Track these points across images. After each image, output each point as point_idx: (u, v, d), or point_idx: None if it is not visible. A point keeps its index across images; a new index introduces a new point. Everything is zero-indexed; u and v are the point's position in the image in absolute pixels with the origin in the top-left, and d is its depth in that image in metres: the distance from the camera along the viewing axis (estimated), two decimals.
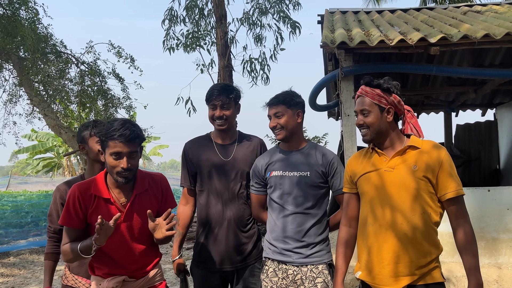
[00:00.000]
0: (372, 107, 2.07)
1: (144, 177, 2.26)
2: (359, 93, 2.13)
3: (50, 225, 2.61)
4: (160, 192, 2.27)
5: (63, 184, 2.66)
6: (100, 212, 2.08)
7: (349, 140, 5.18)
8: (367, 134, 2.10)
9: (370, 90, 2.08)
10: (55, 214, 2.59)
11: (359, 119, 2.11)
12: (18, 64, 8.31)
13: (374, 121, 2.06)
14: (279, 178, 2.52)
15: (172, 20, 7.97)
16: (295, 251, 2.45)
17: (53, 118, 8.39)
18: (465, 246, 2.00)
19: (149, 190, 2.23)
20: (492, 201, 5.22)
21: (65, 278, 2.57)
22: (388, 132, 2.09)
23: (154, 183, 2.27)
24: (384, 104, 2.06)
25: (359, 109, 2.11)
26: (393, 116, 2.08)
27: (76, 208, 2.09)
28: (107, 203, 2.13)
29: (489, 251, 5.21)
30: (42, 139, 24.01)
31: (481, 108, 9.46)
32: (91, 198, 2.11)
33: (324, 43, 4.90)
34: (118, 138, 2.02)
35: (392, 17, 6.53)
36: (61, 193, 2.59)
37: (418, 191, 1.99)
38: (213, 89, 2.71)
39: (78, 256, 2.06)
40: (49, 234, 2.63)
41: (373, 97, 2.07)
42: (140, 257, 2.19)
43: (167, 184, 2.34)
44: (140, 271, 2.20)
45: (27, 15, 8.08)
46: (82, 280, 2.52)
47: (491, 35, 4.70)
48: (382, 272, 2.04)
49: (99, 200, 2.12)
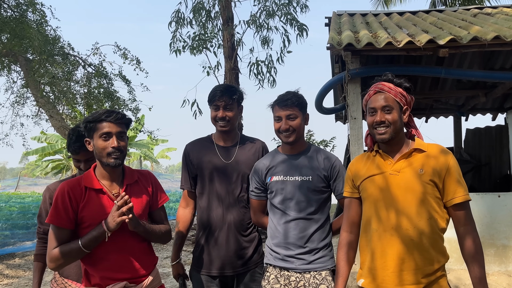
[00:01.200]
0: (395, 105, 2.00)
1: (132, 170, 2.26)
2: (379, 89, 2.02)
3: (40, 226, 2.57)
4: (150, 185, 2.26)
5: (54, 184, 2.62)
6: (92, 203, 2.04)
7: (355, 144, 5.09)
8: (387, 132, 1.98)
9: (394, 87, 2.01)
10: (45, 215, 2.54)
11: (380, 116, 1.98)
12: (25, 65, 8.37)
13: (397, 119, 1.98)
14: (281, 183, 2.44)
15: (179, 22, 7.98)
16: (298, 257, 2.38)
17: (58, 119, 8.42)
18: (472, 256, 1.92)
19: (139, 182, 2.22)
20: (503, 207, 5.09)
21: (55, 281, 2.52)
22: (401, 133, 2.03)
23: (143, 176, 2.27)
24: (403, 103, 2.01)
25: (381, 105, 1.99)
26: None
27: (65, 204, 2.01)
28: (98, 194, 2.08)
29: (499, 258, 5.07)
30: (51, 141, 24.21)
31: (492, 112, 9.31)
32: (82, 191, 2.06)
33: (331, 45, 4.83)
34: (106, 119, 2.06)
35: (400, 19, 6.44)
36: (51, 193, 2.55)
37: (425, 195, 1.92)
38: (216, 90, 2.65)
39: (77, 254, 1.99)
40: (38, 235, 2.59)
41: (396, 95, 2.00)
42: (138, 255, 2.12)
43: (156, 179, 2.33)
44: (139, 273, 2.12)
45: (34, 17, 8.13)
46: (72, 284, 2.47)
47: (502, 37, 4.60)
48: (386, 280, 1.96)
49: (91, 192, 2.07)
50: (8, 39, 7.86)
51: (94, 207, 2.04)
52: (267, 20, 7.82)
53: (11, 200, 11.62)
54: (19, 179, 20.78)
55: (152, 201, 2.26)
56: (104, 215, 2.02)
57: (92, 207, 2.04)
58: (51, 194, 2.54)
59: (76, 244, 1.98)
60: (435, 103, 8.28)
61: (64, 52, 8.57)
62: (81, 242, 1.97)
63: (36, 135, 23.95)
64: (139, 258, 2.13)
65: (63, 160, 27.76)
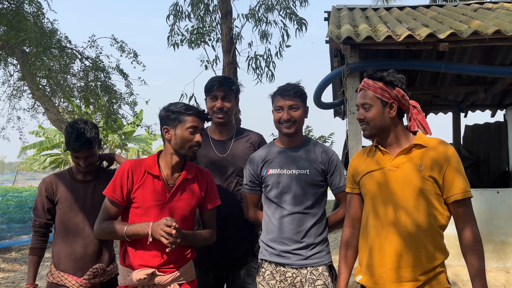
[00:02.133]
0: (374, 101, 1.96)
1: (192, 166, 2.32)
2: (361, 86, 2.03)
3: (36, 219, 2.53)
4: (205, 184, 2.32)
5: (49, 177, 2.58)
6: (146, 187, 2.15)
7: (354, 139, 5.05)
8: (366, 129, 2.00)
9: (373, 83, 1.97)
10: (41, 207, 2.51)
11: (360, 113, 2.01)
12: (21, 58, 8.29)
13: (375, 116, 1.96)
14: (277, 176, 2.39)
15: (177, 15, 7.90)
16: (295, 252, 2.33)
17: (54, 112, 8.36)
18: (471, 248, 1.87)
19: (195, 178, 2.28)
20: (501, 203, 5.07)
21: (51, 275, 2.48)
22: (390, 128, 1.98)
23: (201, 174, 2.33)
24: (387, 98, 1.95)
25: (360, 102, 2.01)
26: (397, 111, 1.97)
27: (123, 180, 2.14)
28: (154, 180, 2.18)
29: (497, 254, 5.06)
30: (49, 136, 24.13)
31: (491, 108, 9.28)
32: (141, 173, 2.17)
33: (330, 38, 4.78)
34: (195, 114, 2.17)
35: (400, 13, 6.40)
36: (47, 186, 2.51)
37: (424, 191, 1.88)
38: (214, 80, 2.62)
39: (118, 237, 2.13)
40: (34, 229, 2.55)
41: (375, 91, 1.96)
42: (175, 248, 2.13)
43: (213, 180, 2.38)
44: (172, 264, 2.18)
45: (31, 9, 8.04)
46: (68, 277, 2.43)
47: (502, 31, 4.56)
48: (383, 276, 1.92)
49: (148, 176, 2.17)
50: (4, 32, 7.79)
51: (147, 191, 2.14)
52: (266, 14, 7.75)
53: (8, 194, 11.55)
54: (16, 173, 20.71)
55: (204, 201, 2.32)
56: (153, 201, 2.14)
57: (146, 190, 2.14)
58: (47, 187, 2.50)
59: (121, 230, 2.10)
60: (434, 99, 8.24)
61: (61, 45, 8.49)
62: (126, 231, 2.08)
63: (34, 129, 23.86)
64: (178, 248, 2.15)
65: (61, 154, 27.70)
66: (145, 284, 2.13)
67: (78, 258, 2.44)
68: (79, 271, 2.43)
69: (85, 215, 2.48)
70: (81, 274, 2.43)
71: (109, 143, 23.29)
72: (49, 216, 2.52)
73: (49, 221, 2.53)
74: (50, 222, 2.54)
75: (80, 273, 2.43)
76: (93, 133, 2.46)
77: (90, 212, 2.47)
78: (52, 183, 2.51)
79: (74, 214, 2.48)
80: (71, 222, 2.47)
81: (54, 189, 2.50)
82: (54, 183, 2.51)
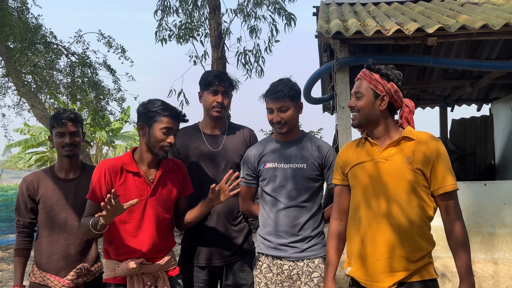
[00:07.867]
0: (367, 91, 1.99)
1: (167, 159, 2.38)
2: (359, 76, 2.06)
3: (19, 219, 2.46)
4: (181, 174, 2.40)
5: (30, 175, 2.52)
6: (128, 185, 2.21)
7: (344, 133, 5.07)
8: (356, 118, 2.03)
9: (369, 73, 2.01)
10: (23, 207, 2.45)
11: (351, 101, 2.04)
12: (5, 54, 8.13)
13: (365, 105, 1.99)
14: (273, 170, 2.40)
15: (165, 10, 7.84)
16: (291, 245, 2.36)
17: (40, 109, 8.22)
18: (459, 245, 1.92)
19: (172, 170, 2.35)
20: (489, 195, 5.14)
21: (33, 275, 2.43)
22: (379, 121, 2.00)
23: (177, 165, 2.41)
24: (380, 90, 1.97)
25: (354, 91, 2.05)
26: (388, 106, 1.99)
27: (101, 181, 2.19)
28: (135, 177, 2.24)
29: (485, 246, 5.13)
30: (34, 133, 23.76)
31: (477, 103, 9.40)
32: (119, 171, 2.22)
33: (319, 33, 4.78)
34: (171, 115, 2.21)
35: (388, 8, 6.43)
36: (28, 185, 2.45)
37: (413, 184, 1.91)
38: (213, 75, 2.59)
39: (89, 231, 2.11)
40: (18, 229, 2.48)
41: (370, 81, 1.99)
42: (160, 238, 2.27)
43: (186, 169, 2.47)
44: (157, 254, 2.27)
45: (15, 4, 7.89)
46: (50, 277, 2.39)
47: (490, 25, 4.60)
48: (375, 267, 1.94)
49: (128, 174, 2.23)
50: None
51: (129, 188, 2.20)
52: (254, 9, 7.73)
53: None
54: (1, 172, 20.38)
55: (181, 190, 2.40)
56: (137, 196, 2.17)
57: (128, 188, 2.20)
58: (28, 185, 2.45)
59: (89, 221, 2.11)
60: (421, 93, 8.32)
61: (46, 41, 8.34)
62: (91, 222, 2.08)
63: (19, 127, 23.45)
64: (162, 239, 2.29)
65: (47, 152, 27.32)
66: (134, 274, 2.18)
67: (60, 258, 2.40)
68: (62, 271, 2.39)
69: (68, 214, 2.44)
70: (64, 274, 2.39)
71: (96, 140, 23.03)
72: (33, 216, 2.46)
73: (33, 220, 2.47)
74: (34, 221, 2.48)
75: (63, 273, 2.39)
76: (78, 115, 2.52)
77: (72, 211, 2.43)
78: (33, 182, 2.46)
79: (56, 213, 2.43)
80: (53, 221, 2.42)
81: (35, 187, 2.44)
82: (35, 182, 2.46)
